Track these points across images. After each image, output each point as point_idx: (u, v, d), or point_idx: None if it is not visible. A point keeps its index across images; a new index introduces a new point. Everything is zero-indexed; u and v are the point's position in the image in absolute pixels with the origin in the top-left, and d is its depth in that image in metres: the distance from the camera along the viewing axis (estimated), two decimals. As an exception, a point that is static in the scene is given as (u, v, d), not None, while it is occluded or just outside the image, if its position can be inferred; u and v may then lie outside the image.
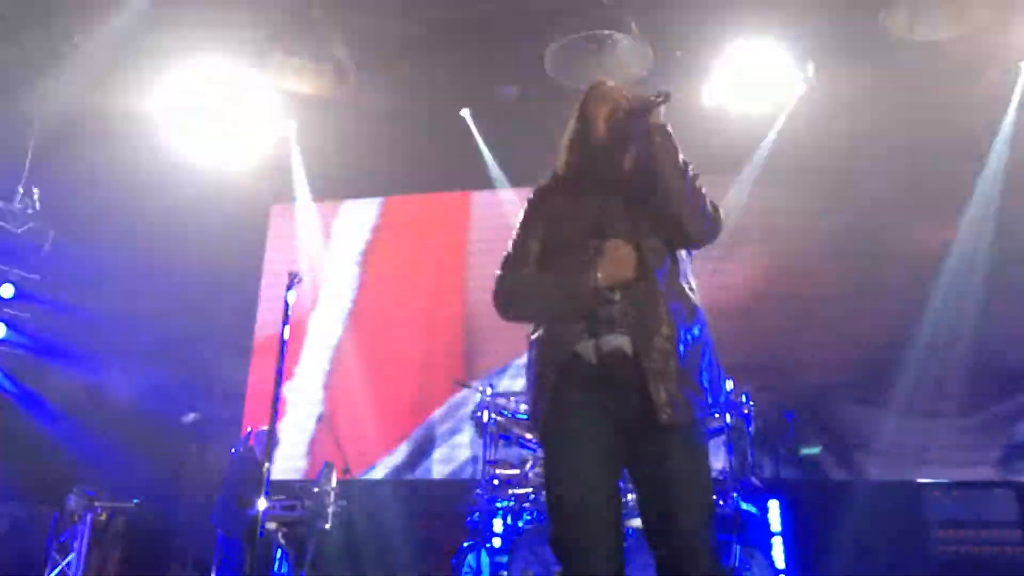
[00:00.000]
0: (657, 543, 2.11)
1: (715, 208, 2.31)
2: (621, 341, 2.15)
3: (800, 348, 7.64)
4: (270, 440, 3.52)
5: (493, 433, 5.92)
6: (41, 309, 8.21)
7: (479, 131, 8.32)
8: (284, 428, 8.33)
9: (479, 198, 8.87)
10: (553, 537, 2.12)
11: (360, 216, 9.25)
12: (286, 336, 3.62)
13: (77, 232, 7.89)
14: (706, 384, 2.19)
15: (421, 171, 8.55)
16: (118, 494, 6.70)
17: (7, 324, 8.32)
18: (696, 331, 2.22)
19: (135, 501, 6.72)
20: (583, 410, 2.15)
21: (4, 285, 8.33)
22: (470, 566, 5.40)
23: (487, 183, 8.51)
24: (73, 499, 6.33)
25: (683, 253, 2.35)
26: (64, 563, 6.28)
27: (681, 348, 2.16)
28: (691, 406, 2.12)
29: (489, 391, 5.94)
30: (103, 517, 6.47)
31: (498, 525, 5.87)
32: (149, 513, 6.99)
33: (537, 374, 2.24)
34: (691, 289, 2.31)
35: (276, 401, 3.56)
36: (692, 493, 2.09)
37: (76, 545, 6.35)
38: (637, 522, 5.16)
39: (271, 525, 6.23)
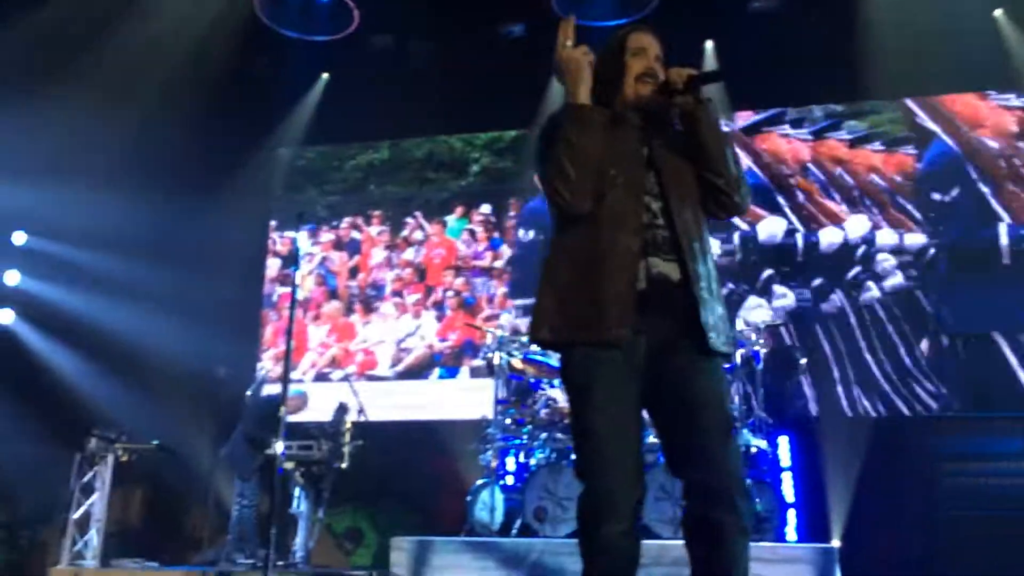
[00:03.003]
0: (684, 465, 2.13)
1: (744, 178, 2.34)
2: (667, 268, 2.17)
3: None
4: (285, 384, 3.56)
5: (505, 373, 5.97)
6: (55, 255, 8.29)
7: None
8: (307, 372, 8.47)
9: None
10: (580, 462, 2.16)
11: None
12: (297, 279, 3.62)
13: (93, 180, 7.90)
14: (728, 320, 2.26)
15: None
16: (138, 436, 6.82)
17: (22, 272, 8.44)
18: (715, 268, 2.28)
19: (155, 443, 6.83)
20: (621, 332, 2.13)
21: (16, 232, 8.42)
22: (484, 503, 5.50)
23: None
24: (94, 441, 6.43)
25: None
26: (88, 503, 6.43)
27: (714, 282, 2.23)
28: (727, 337, 2.20)
29: (500, 331, 5.98)
30: (124, 458, 6.59)
31: (511, 463, 5.97)
32: (169, 454, 7.12)
33: (573, 292, 2.19)
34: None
35: (289, 344, 3.59)
36: (720, 413, 2.12)
37: (99, 486, 6.48)
38: (648, 458, 5.27)
39: (289, 465, 6.35)
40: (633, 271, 2.14)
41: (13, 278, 8.45)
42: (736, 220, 7.71)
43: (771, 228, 7.87)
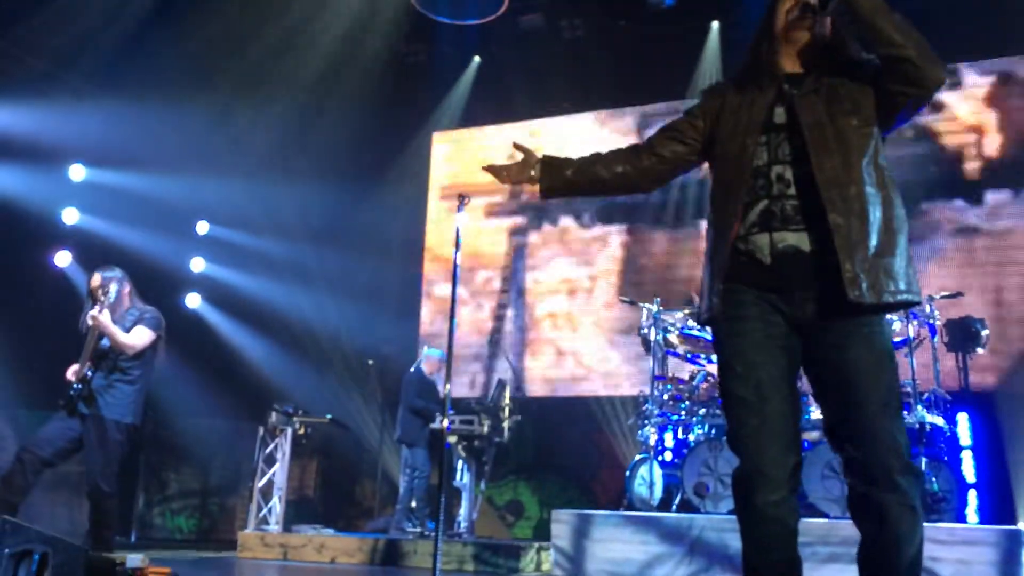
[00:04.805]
0: (842, 442, 2.05)
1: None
2: (796, 238, 2.08)
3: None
4: (449, 361, 3.69)
5: (661, 348, 5.93)
6: (235, 242, 8.89)
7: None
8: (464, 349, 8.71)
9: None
10: (729, 433, 2.13)
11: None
12: (458, 260, 3.72)
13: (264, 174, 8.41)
14: (899, 270, 2.07)
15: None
16: (312, 411, 7.24)
17: (206, 259, 9.10)
18: (892, 213, 2.10)
19: (328, 417, 7.24)
20: (756, 306, 2.12)
21: (200, 222, 9.09)
22: (643, 478, 5.50)
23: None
24: (275, 415, 6.89)
25: (877, 132, 2.16)
26: (271, 473, 6.90)
27: (874, 231, 2.05)
28: (881, 289, 2.02)
29: (655, 307, 5.92)
30: (301, 431, 7.02)
31: (669, 439, 5.93)
32: (340, 427, 7.54)
33: (709, 268, 2.22)
34: (887, 171, 2.16)
35: (452, 325, 3.70)
36: (876, 386, 2.01)
37: (279, 457, 6.93)
38: (814, 435, 5.11)
39: (452, 439, 6.60)
40: (728, 248, 2.13)
41: (198, 265, 9.12)
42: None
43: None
